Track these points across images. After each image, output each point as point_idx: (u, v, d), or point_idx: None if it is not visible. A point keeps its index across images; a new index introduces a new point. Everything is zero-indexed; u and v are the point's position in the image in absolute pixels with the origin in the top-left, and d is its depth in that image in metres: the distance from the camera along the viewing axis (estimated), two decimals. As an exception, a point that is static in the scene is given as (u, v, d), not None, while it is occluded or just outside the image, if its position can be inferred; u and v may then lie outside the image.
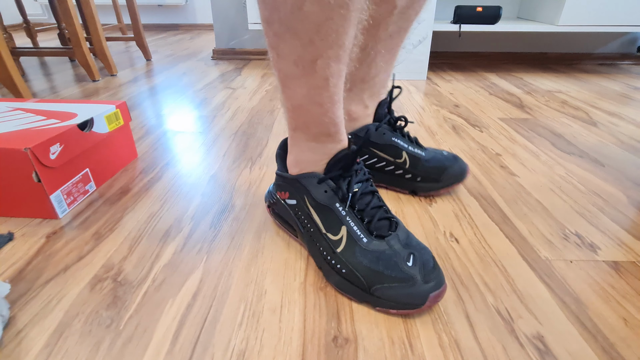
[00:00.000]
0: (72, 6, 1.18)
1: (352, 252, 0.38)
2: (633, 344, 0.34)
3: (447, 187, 0.56)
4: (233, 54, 1.69)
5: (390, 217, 0.41)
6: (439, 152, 0.57)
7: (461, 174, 0.56)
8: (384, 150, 0.57)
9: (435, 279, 0.36)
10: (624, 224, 0.51)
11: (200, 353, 0.33)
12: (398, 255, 0.37)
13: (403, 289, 0.35)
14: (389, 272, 0.36)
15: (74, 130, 0.53)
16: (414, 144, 0.57)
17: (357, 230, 0.39)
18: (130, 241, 0.47)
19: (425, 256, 0.38)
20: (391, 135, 0.56)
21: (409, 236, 0.40)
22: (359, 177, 0.41)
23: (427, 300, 0.35)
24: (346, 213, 0.40)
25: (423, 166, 0.56)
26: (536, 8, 1.46)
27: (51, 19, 2.84)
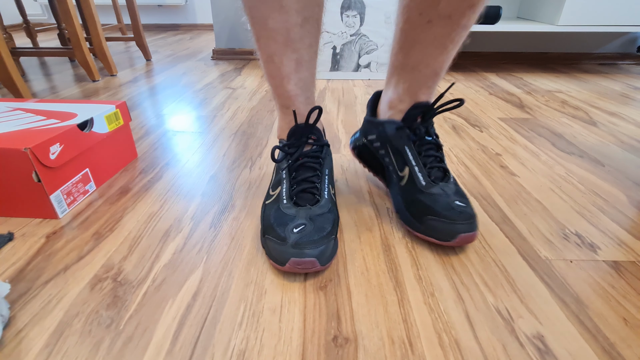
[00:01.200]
0: (72, 6, 1.18)
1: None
2: (633, 343, 0.34)
3: (427, 237, 0.45)
4: (233, 54, 1.69)
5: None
6: (452, 194, 0.46)
7: (447, 235, 0.43)
8: (395, 154, 0.52)
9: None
10: (624, 224, 0.51)
11: (200, 353, 0.33)
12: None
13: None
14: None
15: (74, 130, 0.53)
16: (426, 168, 0.49)
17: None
18: (130, 241, 0.47)
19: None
20: (405, 144, 0.50)
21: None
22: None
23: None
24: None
25: (414, 196, 0.48)
26: (536, 8, 1.46)
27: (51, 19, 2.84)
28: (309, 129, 0.48)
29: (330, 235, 0.42)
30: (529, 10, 1.51)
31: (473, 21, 0.43)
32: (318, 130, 0.49)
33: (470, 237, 0.43)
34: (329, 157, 0.52)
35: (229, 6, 1.61)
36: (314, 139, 0.49)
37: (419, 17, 0.43)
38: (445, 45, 0.44)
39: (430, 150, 0.49)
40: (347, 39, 1.34)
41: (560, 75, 1.40)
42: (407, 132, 0.49)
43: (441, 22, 0.42)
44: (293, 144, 0.48)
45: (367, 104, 0.57)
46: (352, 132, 0.84)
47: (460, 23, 0.42)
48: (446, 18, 0.42)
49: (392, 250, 0.46)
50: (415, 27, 0.44)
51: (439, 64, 0.46)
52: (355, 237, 0.48)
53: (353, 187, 0.61)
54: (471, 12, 0.41)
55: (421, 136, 0.49)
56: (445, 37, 0.43)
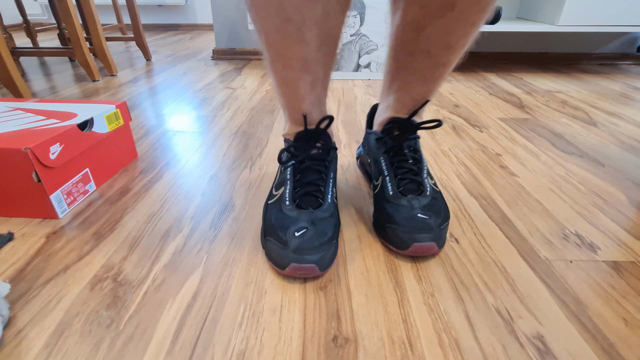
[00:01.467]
0: (72, 6, 1.18)
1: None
2: (633, 343, 0.34)
3: (387, 244, 0.46)
4: (233, 54, 1.69)
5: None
6: (419, 207, 0.44)
7: (401, 244, 0.43)
8: (374, 162, 0.53)
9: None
10: (624, 224, 0.51)
11: (200, 353, 0.33)
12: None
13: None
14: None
15: (74, 130, 0.53)
16: (396, 179, 0.48)
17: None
18: (130, 241, 0.47)
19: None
20: (380, 155, 0.51)
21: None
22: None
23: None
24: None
25: (381, 204, 0.48)
26: (536, 8, 1.46)
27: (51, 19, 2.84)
28: (319, 134, 0.47)
29: (332, 240, 0.41)
30: (529, 11, 1.51)
31: (454, 60, 0.43)
32: (327, 134, 0.49)
33: (425, 248, 0.42)
34: (335, 160, 0.52)
35: (229, 6, 1.61)
36: (322, 143, 0.49)
37: (402, 48, 0.45)
38: (425, 78, 0.45)
39: (404, 162, 0.49)
40: (347, 39, 1.34)
41: (560, 76, 1.40)
42: (384, 142, 0.51)
43: (421, 56, 0.43)
44: (301, 146, 0.48)
45: (366, 116, 0.61)
46: (352, 132, 0.84)
47: (440, 61, 0.43)
48: (425, 53, 0.43)
49: (392, 251, 0.46)
50: (399, 55, 0.46)
51: (417, 92, 0.47)
52: (355, 237, 0.48)
53: (353, 187, 0.61)
54: (449, 52, 0.41)
55: (396, 149, 0.50)
56: (425, 70, 0.44)
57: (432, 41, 0.41)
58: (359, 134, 0.83)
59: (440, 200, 0.46)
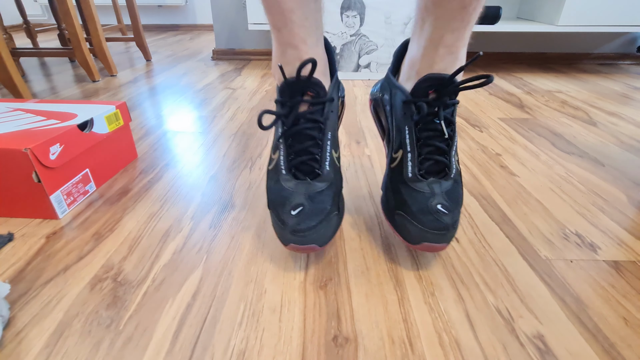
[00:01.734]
0: (72, 7, 1.18)
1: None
2: (633, 343, 0.34)
3: (393, 230, 0.42)
4: (233, 54, 1.69)
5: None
6: (440, 194, 0.39)
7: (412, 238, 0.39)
8: (396, 129, 0.44)
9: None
10: (624, 224, 0.51)
11: (200, 353, 0.33)
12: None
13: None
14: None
15: (74, 131, 0.53)
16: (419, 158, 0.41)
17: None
18: (130, 241, 0.47)
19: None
20: (407, 122, 0.42)
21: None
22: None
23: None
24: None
25: (397, 184, 0.42)
26: (536, 8, 1.46)
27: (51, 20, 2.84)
28: (305, 85, 0.39)
29: (330, 213, 0.39)
30: (529, 11, 1.51)
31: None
32: (317, 83, 0.40)
33: (436, 248, 0.39)
34: (333, 114, 0.43)
35: (229, 6, 1.61)
36: (311, 95, 0.40)
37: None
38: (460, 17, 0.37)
39: (433, 139, 0.41)
40: (347, 39, 1.34)
41: (560, 75, 1.40)
42: (412, 109, 0.41)
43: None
44: (285, 102, 0.40)
45: (393, 53, 0.48)
46: (352, 132, 0.84)
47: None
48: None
49: (392, 250, 0.46)
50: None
51: (454, 25, 0.38)
52: (356, 236, 0.48)
53: (353, 186, 0.61)
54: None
55: (426, 119, 0.41)
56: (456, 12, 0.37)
57: None
58: (359, 134, 0.83)
59: (459, 182, 0.42)
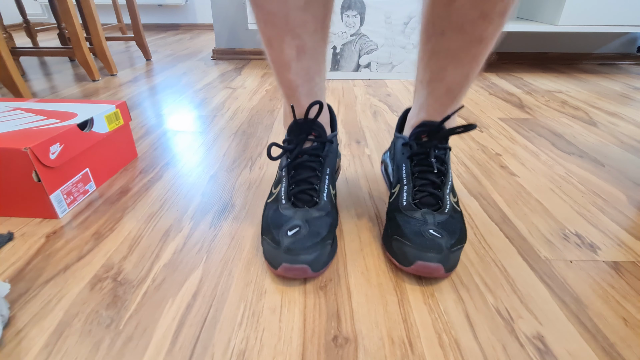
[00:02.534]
0: (72, 6, 1.18)
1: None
2: (633, 343, 0.34)
3: (391, 258, 0.43)
4: (233, 54, 1.69)
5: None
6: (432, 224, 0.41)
7: (404, 259, 0.40)
8: (397, 168, 0.49)
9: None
10: (624, 224, 0.51)
11: (200, 353, 0.33)
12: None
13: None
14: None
15: (74, 130, 0.53)
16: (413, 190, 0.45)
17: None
18: (130, 241, 0.47)
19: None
20: (404, 160, 0.48)
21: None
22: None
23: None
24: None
25: (392, 213, 0.45)
26: (536, 8, 1.46)
27: (51, 19, 2.84)
28: (309, 125, 0.45)
29: (326, 240, 0.40)
30: (529, 10, 1.51)
31: (491, 34, 0.38)
32: (320, 126, 0.46)
33: (430, 269, 0.38)
34: (332, 154, 0.49)
35: (229, 6, 1.61)
36: (314, 135, 0.47)
37: (433, 28, 0.41)
38: (460, 59, 0.41)
39: (427, 173, 0.46)
40: (347, 39, 1.34)
41: (560, 75, 1.40)
42: (409, 148, 0.48)
43: (454, 33, 0.39)
44: (292, 140, 0.46)
45: (398, 120, 0.57)
46: (352, 132, 0.84)
47: (475, 35, 0.38)
48: (458, 29, 0.38)
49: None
50: (430, 38, 0.42)
51: (453, 79, 0.42)
52: (356, 237, 0.48)
53: (353, 186, 0.61)
54: (484, 22, 0.37)
55: (420, 156, 0.46)
56: (460, 50, 0.40)
57: (464, 12, 0.37)
58: (359, 134, 0.83)
59: (458, 220, 0.42)
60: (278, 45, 0.41)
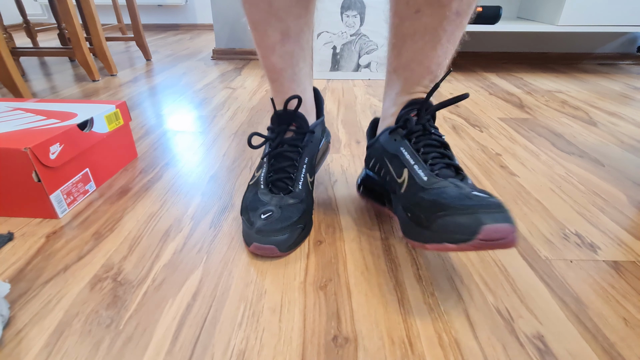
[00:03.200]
0: (72, 6, 1.18)
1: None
2: (633, 343, 0.34)
3: (440, 244, 0.33)
4: (233, 54, 1.69)
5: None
6: (467, 189, 0.34)
7: (465, 231, 0.31)
8: (391, 161, 0.44)
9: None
10: (624, 224, 0.51)
11: (200, 353, 0.33)
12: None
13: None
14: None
15: (74, 130, 0.53)
16: (427, 164, 0.39)
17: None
18: (130, 241, 0.47)
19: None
20: (400, 144, 0.43)
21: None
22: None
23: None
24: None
25: (415, 197, 0.37)
26: (536, 8, 1.46)
27: (51, 19, 2.84)
28: (290, 117, 0.47)
29: (296, 224, 0.43)
30: (529, 10, 1.51)
31: (467, 7, 0.37)
32: (301, 117, 0.48)
33: (502, 231, 0.29)
34: (313, 144, 0.50)
35: (229, 6, 1.61)
36: (295, 126, 0.48)
37: (406, 7, 0.39)
38: (439, 37, 0.39)
39: (431, 146, 0.41)
40: (347, 39, 1.34)
41: (560, 75, 1.40)
42: (401, 131, 0.43)
43: (430, 9, 0.37)
44: (274, 129, 0.49)
45: (366, 132, 0.53)
46: (352, 132, 0.84)
47: (452, 8, 0.37)
48: (435, 4, 0.37)
49: (392, 250, 0.46)
50: (404, 19, 0.40)
51: (432, 59, 0.40)
52: (356, 237, 0.48)
53: (353, 187, 0.61)
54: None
55: (418, 133, 0.42)
56: (437, 27, 0.38)
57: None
58: (359, 134, 0.83)
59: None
60: (262, 28, 0.43)
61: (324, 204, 0.56)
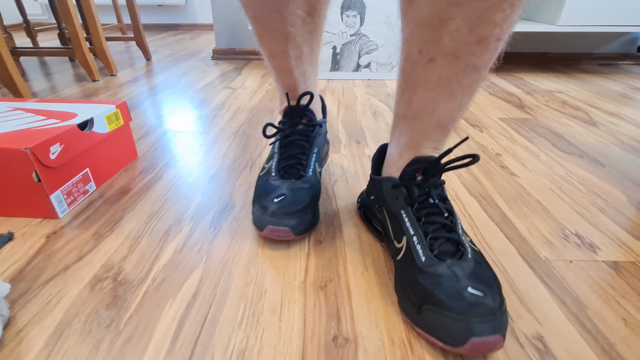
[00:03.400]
0: (72, 6, 1.18)
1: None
2: (633, 344, 0.34)
3: (427, 335, 0.33)
4: (233, 54, 1.69)
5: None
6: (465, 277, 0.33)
7: (453, 337, 0.31)
8: (391, 218, 0.42)
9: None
10: (624, 224, 0.51)
11: (200, 353, 0.33)
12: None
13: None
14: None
15: (74, 130, 0.53)
16: (427, 239, 0.37)
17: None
18: (130, 241, 0.47)
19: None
20: (403, 206, 0.40)
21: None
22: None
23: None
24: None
25: (411, 276, 0.36)
26: (536, 8, 1.46)
27: (51, 19, 2.84)
28: (302, 111, 0.51)
29: (307, 209, 0.45)
30: (529, 10, 1.51)
31: (487, 61, 0.34)
32: (311, 111, 0.52)
33: (489, 344, 0.30)
34: (321, 136, 0.54)
35: (229, 6, 1.60)
36: (306, 120, 0.52)
37: (419, 55, 0.36)
38: (453, 90, 0.36)
39: (434, 215, 0.39)
40: (347, 39, 1.34)
41: (560, 75, 1.40)
42: (404, 192, 0.40)
43: (445, 60, 0.34)
44: (286, 122, 0.52)
45: (371, 159, 0.50)
46: (352, 132, 0.84)
47: (470, 62, 0.34)
48: (451, 56, 0.34)
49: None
50: (416, 66, 0.37)
51: (444, 112, 0.38)
52: (355, 237, 0.48)
53: (353, 187, 0.61)
54: (481, 48, 0.33)
55: (420, 198, 0.40)
56: (452, 80, 0.35)
57: (459, 37, 0.32)
58: (359, 134, 0.83)
59: (484, 264, 0.36)
60: (280, 57, 0.47)
61: (324, 204, 0.56)
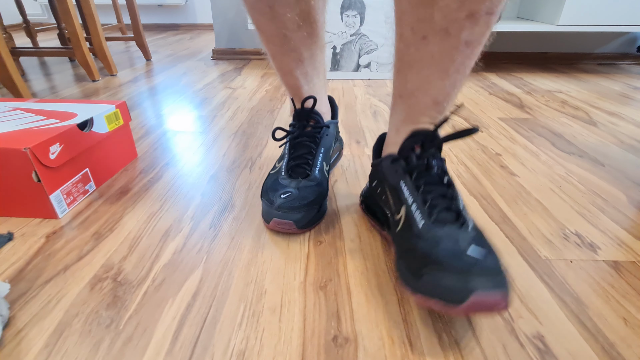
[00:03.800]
0: (72, 6, 1.18)
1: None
2: (633, 343, 0.34)
3: (426, 300, 0.31)
4: (233, 54, 1.69)
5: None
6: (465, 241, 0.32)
7: (454, 294, 0.29)
8: (392, 192, 0.41)
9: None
10: (624, 224, 0.51)
11: (200, 353, 0.33)
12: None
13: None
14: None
15: (73, 130, 0.53)
16: (426, 206, 0.36)
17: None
18: (130, 241, 0.47)
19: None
20: (401, 178, 0.40)
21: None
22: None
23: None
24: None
25: (409, 242, 0.35)
26: (536, 8, 1.46)
27: (51, 19, 2.84)
28: (308, 114, 0.53)
29: (312, 204, 0.47)
30: (529, 10, 1.51)
31: (479, 36, 0.35)
32: (317, 114, 0.54)
33: (490, 302, 0.29)
34: (329, 137, 0.56)
35: (229, 6, 1.60)
36: (313, 122, 0.55)
37: (412, 34, 0.36)
38: (446, 67, 0.36)
39: (433, 185, 0.38)
40: (347, 38, 1.34)
41: (560, 75, 1.40)
42: (402, 163, 0.41)
43: (437, 37, 0.34)
44: (295, 124, 0.55)
45: (372, 148, 0.53)
46: (352, 132, 0.84)
47: (461, 38, 0.34)
48: (443, 32, 0.34)
49: (392, 250, 0.46)
50: (409, 45, 0.37)
51: (439, 90, 0.38)
52: (355, 237, 0.48)
53: (353, 187, 0.61)
54: (471, 23, 0.33)
55: (419, 168, 0.39)
56: (445, 57, 0.36)
57: (450, 12, 0.33)
58: (359, 134, 0.83)
59: (485, 238, 0.34)
60: (280, 58, 0.50)
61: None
